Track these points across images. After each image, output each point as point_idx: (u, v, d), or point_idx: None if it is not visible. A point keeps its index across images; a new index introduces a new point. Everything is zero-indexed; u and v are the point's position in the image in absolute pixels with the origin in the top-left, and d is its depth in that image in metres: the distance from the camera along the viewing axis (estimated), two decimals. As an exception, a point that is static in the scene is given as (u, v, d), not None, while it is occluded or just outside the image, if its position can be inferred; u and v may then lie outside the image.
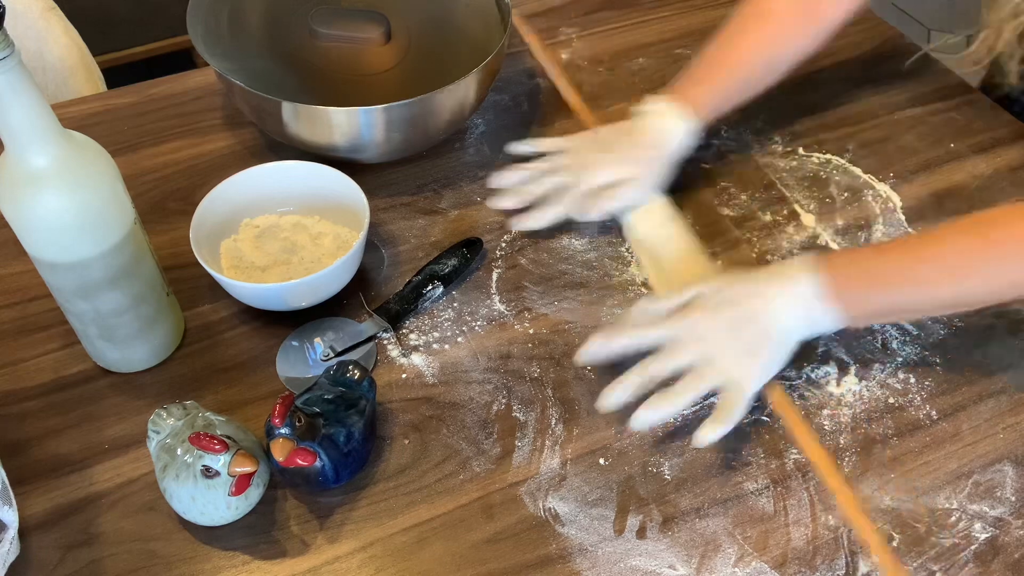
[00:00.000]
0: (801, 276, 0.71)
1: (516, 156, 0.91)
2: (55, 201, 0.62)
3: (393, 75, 0.92)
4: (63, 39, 1.19)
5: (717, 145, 0.98)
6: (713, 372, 0.70)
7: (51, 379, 0.76)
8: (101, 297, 0.69)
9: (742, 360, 0.70)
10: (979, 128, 0.99)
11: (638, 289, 0.84)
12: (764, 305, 0.71)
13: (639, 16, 1.14)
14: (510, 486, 0.70)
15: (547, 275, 0.85)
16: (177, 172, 0.94)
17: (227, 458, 0.62)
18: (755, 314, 0.71)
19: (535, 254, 0.87)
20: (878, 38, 1.11)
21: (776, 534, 0.68)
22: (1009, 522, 0.68)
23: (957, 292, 0.70)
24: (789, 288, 0.71)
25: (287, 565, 0.66)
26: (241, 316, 0.81)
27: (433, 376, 0.77)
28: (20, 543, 0.65)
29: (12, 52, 0.56)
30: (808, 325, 0.72)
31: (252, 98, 0.84)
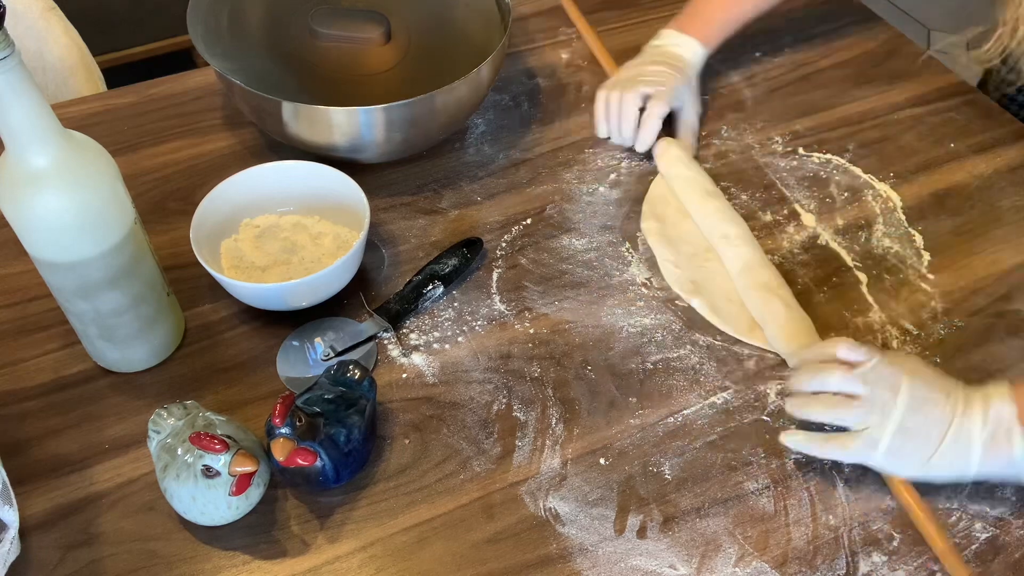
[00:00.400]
0: (995, 408, 0.65)
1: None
2: (55, 201, 0.62)
3: (393, 75, 0.92)
4: (63, 39, 1.19)
5: (717, 145, 0.98)
6: (866, 424, 0.67)
7: (51, 379, 0.76)
8: (101, 297, 0.69)
9: (892, 455, 0.66)
10: (979, 128, 0.99)
11: (638, 289, 0.84)
12: (955, 435, 0.65)
13: (639, 16, 1.14)
14: (510, 486, 0.70)
15: (547, 275, 0.85)
16: (177, 172, 0.94)
17: (227, 458, 0.62)
18: (940, 435, 0.65)
19: (535, 254, 0.87)
20: (878, 38, 1.11)
21: (776, 534, 0.68)
22: (1009, 522, 0.68)
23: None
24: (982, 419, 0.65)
25: (287, 565, 0.66)
26: (241, 316, 0.81)
27: (433, 376, 0.77)
28: (20, 543, 0.65)
29: (12, 52, 0.56)
30: (1008, 464, 0.65)
31: (252, 98, 0.84)
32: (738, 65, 1.07)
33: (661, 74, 0.93)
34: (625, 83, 0.94)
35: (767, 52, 1.09)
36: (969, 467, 0.65)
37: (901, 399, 0.66)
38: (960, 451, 0.65)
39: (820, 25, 1.13)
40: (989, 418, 0.65)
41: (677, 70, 0.94)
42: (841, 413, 0.68)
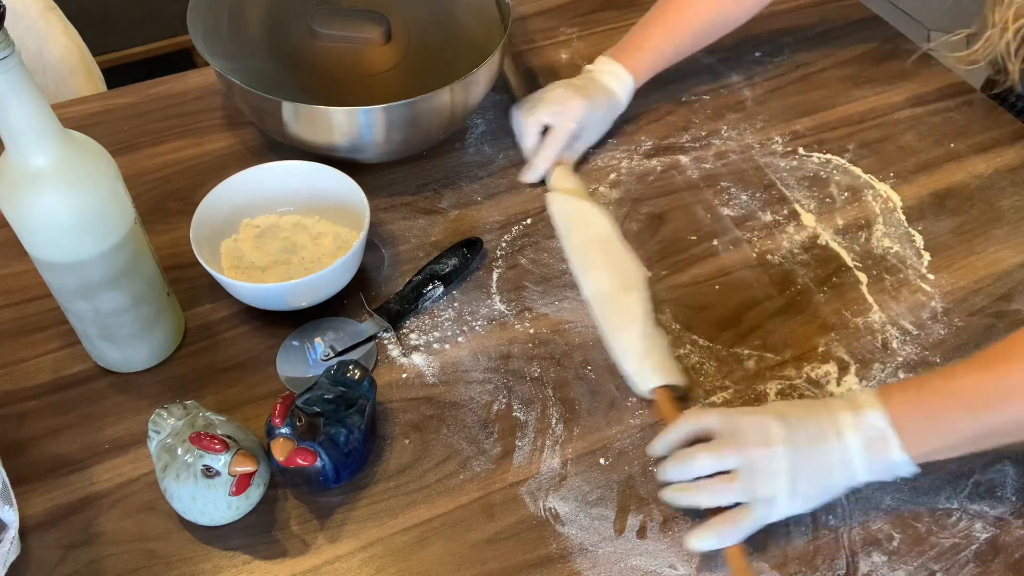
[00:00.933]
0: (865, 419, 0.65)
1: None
2: (55, 201, 0.62)
3: (393, 75, 0.92)
4: (63, 39, 1.19)
5: (717, 145, 0.98)
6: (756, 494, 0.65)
7: (51, 379, 0.76)
8: (101, 297, 0.69)
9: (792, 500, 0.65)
10: (979, 128, 0.99)
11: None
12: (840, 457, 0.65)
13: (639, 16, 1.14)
14: (510, 486, 0.70)
15: (547, 275, 0.85)
16: (177, 172, 0.94)
17: (227, 458, 0.62)
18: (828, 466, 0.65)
19: (535, 254, 0.87)
20: (878, 38, 1.11)
21: (776, 534, 0.68)
22: (1009, 522, 0.68)
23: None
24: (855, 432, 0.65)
25: (287, 565, 0.66)
26: (241, 316, 0.81)
27: (433, 376, 0.77)
28: (20, 543, 0.65)
29: (12, 52, 0.56)
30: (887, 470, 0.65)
31: (252, 98, 0.84)
32: (738, 65, 1.07)
33: (566, 98, 0.92)
34: (530, 106, 0.94)
35: (767, 52, 1.09)
36: (855, 478, 0.65)
37: (781, 455, 0.64)
38: (846, 468, 0.64)
39: (820, 25, 1.13)
40: (865, 433, 0.64)
41: (588, 97, 0.92)
42: (725, 494, 0.65)
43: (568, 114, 0.91)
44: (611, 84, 0.95)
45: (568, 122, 0.91)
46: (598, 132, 0.96)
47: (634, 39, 0.97)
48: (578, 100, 0.92)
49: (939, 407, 0.64)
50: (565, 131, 0.91)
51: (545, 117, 0.92)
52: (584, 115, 0.92)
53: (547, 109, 0.92)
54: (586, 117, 0.92)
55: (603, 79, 0.95)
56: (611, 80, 0.95)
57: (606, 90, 0.94)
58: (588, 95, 0.92)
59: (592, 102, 0.92)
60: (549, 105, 0.92)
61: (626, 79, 0.95)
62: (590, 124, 0.94)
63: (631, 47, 0.97)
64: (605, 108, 0.95)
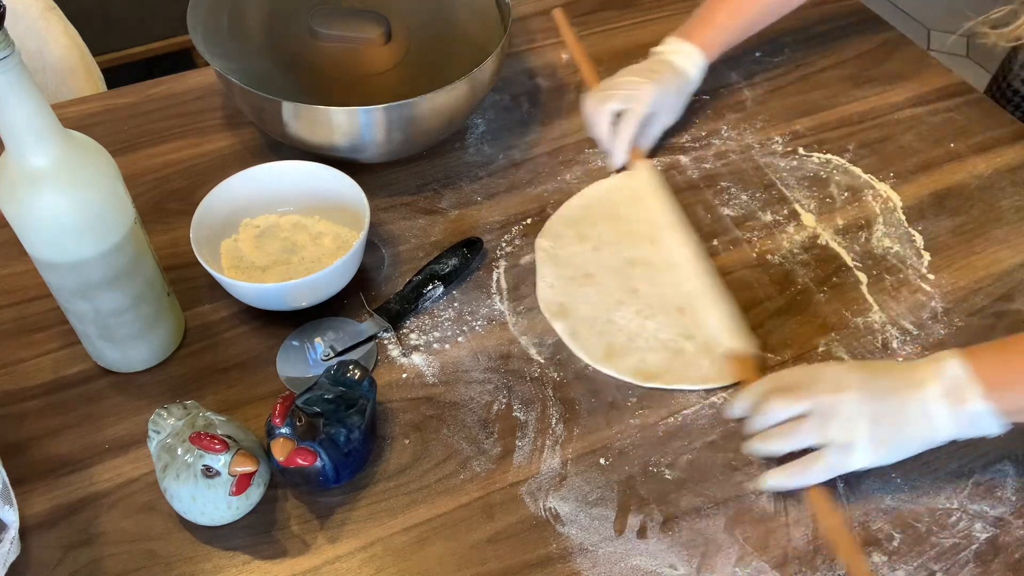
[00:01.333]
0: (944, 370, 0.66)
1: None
2: (55, 201, 0.62)
3: (393, 75, 0.92)
4: (63, 39, 1.19)
5: (717, 145, 0.98)
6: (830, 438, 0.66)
7: (51, 379, 0.76)
8: (101, 297, 0.69)
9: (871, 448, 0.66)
10: (979, 128, 0.99)
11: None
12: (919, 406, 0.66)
13: (639, 16, 1.14)
14: (510, 486, 0.70)
15: (547, 275, 0.85)
16: (177, 172, 0.94)
17: (227, 458, 0.62)
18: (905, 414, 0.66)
19: (535, 254, 0.87)
20: (878, 38, 1.11)
21: (776, 534, 0.68)
22: (1010, 522, 0.68)
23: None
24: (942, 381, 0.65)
25: (287, 565, 0.66)
26: (241, 316, 0.81)
27: (433, 376, 0.77)
28: (20, 543, 0.65)
29: (12, 52, 0.56)
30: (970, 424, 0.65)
31: (252, 98, 0.84)
32: (738, 65, 1.07)
33: (635, 84, 0.92)
34: (600, 95, 0.94)
35: (767, 52, 1.09)
36: (936, 431, 0.65)
37: (852, 396, 0.66)
38: (926, 418, 0.65)
39: (820, 25, 1.13)
40: (944, 383, 0.65)
41: (658, 79, 0.92)
42: (796, 436, 0.67)
43: (638, 99, 0.91)
44: (680, 63, 0.94)
45: (639, 107, 0.91)
46: (673, 113, 0.96)
47: (700, 17, 0.97)
48: (648, 84, 0.91)
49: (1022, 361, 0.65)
50: (636, 116, 0.91)
51: (615, 105, 0.92)
52: (655, 99, 0.91)
53: (617, 96, 0.92)
54: (657, 101, 0.92)
55: (672, 59, 0.95)
56: (680, 59, 0.94)
57: (675, 70, 0.94)
58: (657, 78, 0.92)
59: (662, 85, 0.92)
60: (618, 92, 0.92)
61: (696, 56, 0.94)
62: (663, 107, 0.94)
63: (698, 25, 0.96)
64: (676, 89, 0.94)
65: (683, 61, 0.95)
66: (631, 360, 0.77)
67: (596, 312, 0.81)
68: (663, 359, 0.77)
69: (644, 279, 0.83)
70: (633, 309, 0.81)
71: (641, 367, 0.77)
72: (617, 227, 0.88)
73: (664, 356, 0.77)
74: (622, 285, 0.83)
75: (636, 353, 0.78)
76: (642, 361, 0.77)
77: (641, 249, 0.86)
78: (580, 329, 0.79)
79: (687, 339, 0.79)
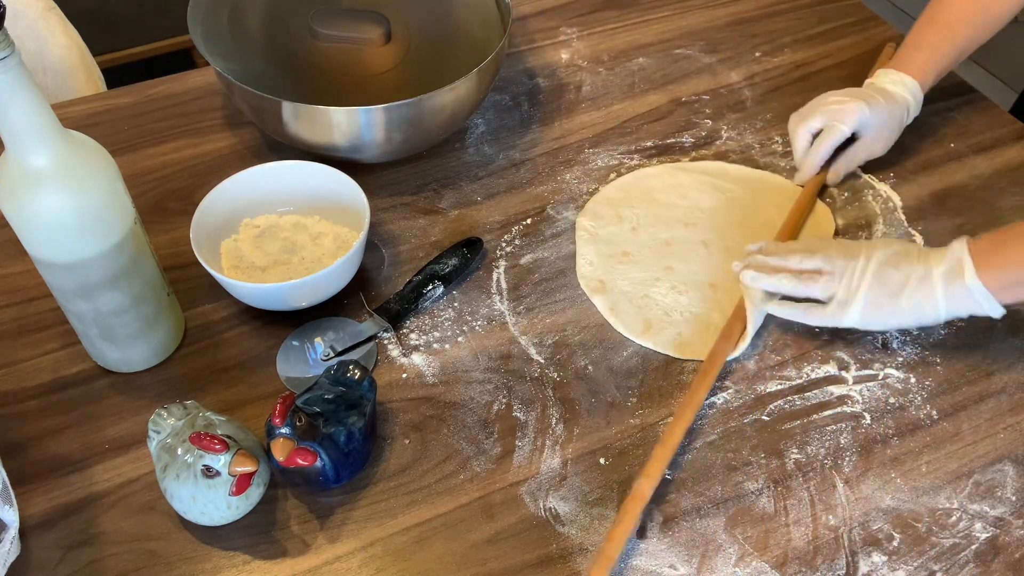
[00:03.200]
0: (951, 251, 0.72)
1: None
2: (55, 201, 0.62)
3: (393, 75, 0.92)
4: (63, 39, 1.19)
5: (717, 145, 0.98)
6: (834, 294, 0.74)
7: (51, 379, 0.76)
8: (101, 297, 0.69)
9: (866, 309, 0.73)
10: (979, 128, 0.99)
11: (638, 289, 0.84)
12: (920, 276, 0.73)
13: (639, 16, 1.14)
14: (510, 486, 0.70)
15: (547, 274, 0.85)
16: (177, 172, 0.94)
17: (227, 458, 0.62)
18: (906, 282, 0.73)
19: (535, 253, 0.87)
20: (878, 38, 1.11)
21: (776, 534, 0.68)
22: (1009, 522, 0.68)
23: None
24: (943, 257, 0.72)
25: (287, 565, 0.66)
26: (241, 316, 0.81)
27: (433, 376, 0.77)
28: (20, 543, 0.65)
29: (12, 52, 0.56)
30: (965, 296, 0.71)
31: (252, 98, 0.84)
32: (738, 65, 1.07)
33: (841, 103, 0.90)
34: (804, 111, 0.93)
35: (767, 52, 1.09)
36: (937, 305, 0.72)
37: (862, 262, 0.74)
38: (925, 291, 0.72)
39: (820, 25, 1.13)
40: (945, 258, 0.72)
41: (867, 99, 0.89)
42: (808, 283, 0.75)
43: (841, 118, 0.89)
44: (892, 88, 0.91)
45: (840, 125, 0.89)
46: (882, 139, 0.92)
47: (908, 44, 0.94)
48: (854, 104, 0.89)
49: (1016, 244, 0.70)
50: (836, 134, 0.89)
51: (816, 123, 0.90)
52: (859, 119, 0.89)
53: (819, 114, 0.90)
54: (862, 121, 0.89)
55: (883, 84, 0.92)
56: (892, 85, 0.92)
57: (887, 94, 0.91)
58: (865, 98, 0.89)
59: (870, 106, 0.89)
60: (822, 109, 0.90)
61: (909, 82, 0.91)
62: (868, 129, 0.90)
63: (906, 52, 0.93)
64: (886, 113, 0.90)
65: (895, 87, 0.91)
66: (669, 333, 0.80)
67: (633, 288, 0.83)
68: (696, 332, 0.80)
69: (678, 257, 0.86)
70: (668, 285, 0.84)
71: (678, 340, 0.79)
72: (654, 210, 0.90)
73: (697, 329, 0.80)
74: (657, 263, 0.85)
75: (672, 327, 0.80)
76: (679, 335, 0.80)
77: (676, 231, 0.88)
78: (620, 304, 0.82)
79: (719, 312, 0.81)
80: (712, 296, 0.83)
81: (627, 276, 0.84)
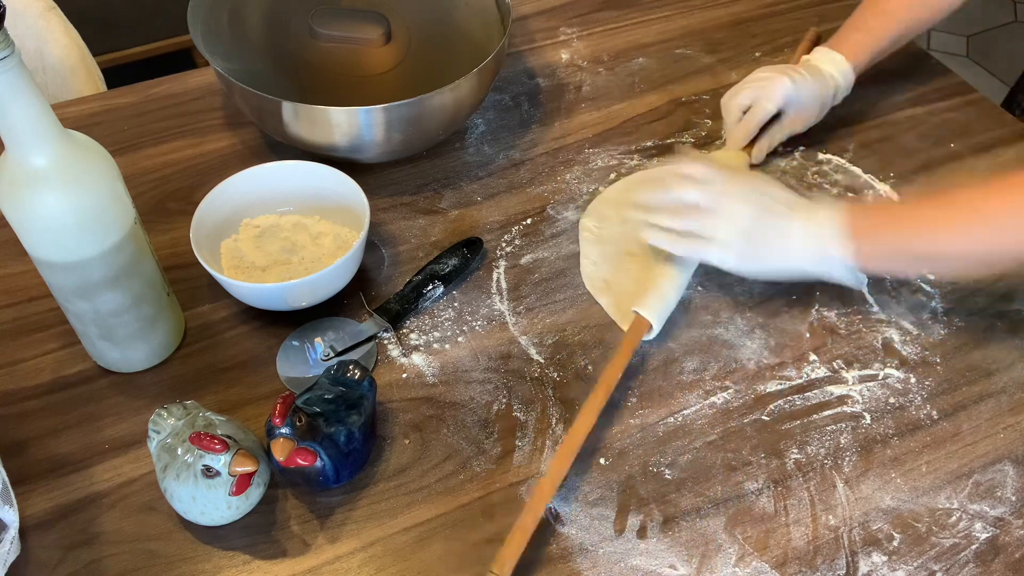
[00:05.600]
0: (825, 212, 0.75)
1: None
2: (55, 201, 0.62)
3: (393, 75, 0.92)
4: (63, 39, 1.19)
5: (718, 145, 0.98)
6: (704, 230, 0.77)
7: (51, 379, 0.76)
8: (101, 297, 0.69)
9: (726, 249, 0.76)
10: (979, 128, 0.99)
11: (638, 289, 0.84)
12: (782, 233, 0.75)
13: (639, 16, 1.14)
14: (510, 486, 0.70)
15: (547, 275, 0.85)
16: (177, 172, 0.94)
17: (227, 458, 0.62)
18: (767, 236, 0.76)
19: (535, 253, 0.87)
20: (878, 38, 1.11)
21: (776, 534, 0.68)
22: (1009, 522, 0.68)
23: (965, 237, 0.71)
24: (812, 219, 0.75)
25: (287, 565, 0.66)
26: (241, 316, 0.81)
27: (433, 376, 0.77)
28: (20, 543, 0.65)
29: (12, 52, 0.56)
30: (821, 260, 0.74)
31: (252, 98, 0.84)
32: (738, 65, 1.07)
33: (767, 79, 0.91)
34: (735, 88, 0.94)
35: (767, 52, 1.09)
36: (792, 265, 0.75)
37: (745, 206, 0.75)
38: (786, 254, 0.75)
39: (820, 25, 1.12)
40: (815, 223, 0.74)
41: (793, 76, 0.90)
42: (686, 220, 0.77)
43: (768, 95, 0.91)
44: (822, 67, 0.93)
45: (766, 103, 0.91)
46: (803, 117, 0.94)
47: (847, 27, 0.95)
48: (780, 80, 0.90)
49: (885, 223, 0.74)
50: (761, 112, 0.91)
51: (745, 99, 0.92)
52: (785, 95, 0.90)
53: (747, 90, 0.92)
54: (788, 98, 0.91)
55: (815, 62, 0.94)
56: (823, 63, 0.93)
57: (815, 71, 0.93)
58: (793, 76, 0.91)
59: (797, 83, 0.90)
60: (750, 85, 0.92)
61: (839, 61, 0.93)
62: (794, 105, 0.92)
63: (844, 32, 0.95)
64: (812, 91, 0.92)
65: (826, 65, 0.93)
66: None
67: (638, 288, 0.82)
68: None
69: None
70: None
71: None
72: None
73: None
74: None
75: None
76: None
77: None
78: (624, 305, 0.81)
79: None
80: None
81: (632, 276, 0.84)
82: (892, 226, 0.74)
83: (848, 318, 0.81)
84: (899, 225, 0.73)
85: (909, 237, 0.73)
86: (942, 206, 0.72)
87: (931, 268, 0.81)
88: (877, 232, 0.74)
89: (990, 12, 2.70)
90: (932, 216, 0.73)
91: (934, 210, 0.73)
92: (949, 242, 0.72)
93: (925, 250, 0.74)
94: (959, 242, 0.72)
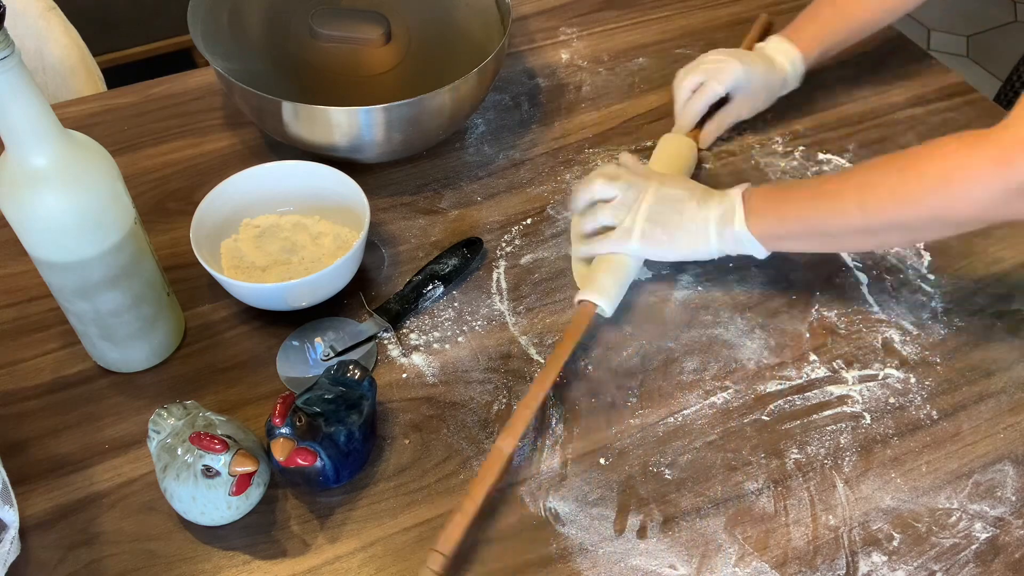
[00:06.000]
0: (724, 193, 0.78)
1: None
2: (55, 201, 0.62)
3: (393, 75, 0.92)
4: (63, 39, 1.19)
5: (717, 145, 0.98)
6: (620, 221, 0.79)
7: (51, 379, 0.76)
8: (101, 297, 0.69)
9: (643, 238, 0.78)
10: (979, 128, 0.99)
11: (638, 289, 0.84)
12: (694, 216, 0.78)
13: (639, 16, 1.14)
14: (510, 486, 0.70)
15: (547, 275, 0.85)
16: (177, 172, 0.94)
17: (227, 458, 0.62)
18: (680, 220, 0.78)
19: (535, 254, 0.87)
20: (878, 38, 1.11)
21: (776, 534, 0.68)
22: (1009, 522, 0.68)
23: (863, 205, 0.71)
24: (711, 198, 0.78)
25: (287, 565, 0.66)
26: (241, 316, 0.81)
27: (433, 376, 0.77)
28: (20, 543, 0.65)
29: (12, 52, 0.56)
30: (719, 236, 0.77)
31: (252, 98, 0.84)
32: (738, 65, 1.07)
33: (720, 61, 0.93)
34: (688, 67, 0.95)
35: (767, 52, 1.09)
36: (709, 243, 0.77)
37: (647, 196, 0.78)
38: (699, 230, 0.77)
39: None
40: (723, 204, 0.77)
41: (743, 62, 0.92)
42: (600, 214, 0.80)
43: (719, 77, 0.92)
44: (775, 56, 0.95)
45: (715, 84, 0.92)
46: (749, 103, 0.96)
47: (803, 17, 0.97)
48: (731, 63, 0.92)
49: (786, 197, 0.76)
50: (709, 92, 0.92)
51: (697, 79, 0.93)
52: (735, 79, 0.92)
53: (700, 71, 0.93)
54: (737, 81, 0.92)
55: (767, 50, 0.95)
56: (775, 52, 0.95)
57: (768, 59, 0.94)
58: (744, 61, 0.92)
59: (747, 68, 0.92)
60: (703, 67, 0.94)
61: (791, 51, 0.94)
62: (743, 90, 0.93)
63: (800, 23, 0.96)
64: (762, 78, 0.94)
65: (777, 55, 0.95)
66: None
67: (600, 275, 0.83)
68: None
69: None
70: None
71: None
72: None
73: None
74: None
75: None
76: None
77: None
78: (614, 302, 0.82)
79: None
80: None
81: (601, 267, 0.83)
82: (787, 200, 0.76)
83: (848, 318, 0.81)
84: (794, 199, 0.75)
85: (801, 210, 0.75)
86: (835, 181, 0.74)
87: (831, 244, 0.80)
88: (774, 206, 0.76)
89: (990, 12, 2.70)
90: (824, 191, 0.74)
91: (827, 184, 0.74)
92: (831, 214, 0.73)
93: (818, 225, 0.75)
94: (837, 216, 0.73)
